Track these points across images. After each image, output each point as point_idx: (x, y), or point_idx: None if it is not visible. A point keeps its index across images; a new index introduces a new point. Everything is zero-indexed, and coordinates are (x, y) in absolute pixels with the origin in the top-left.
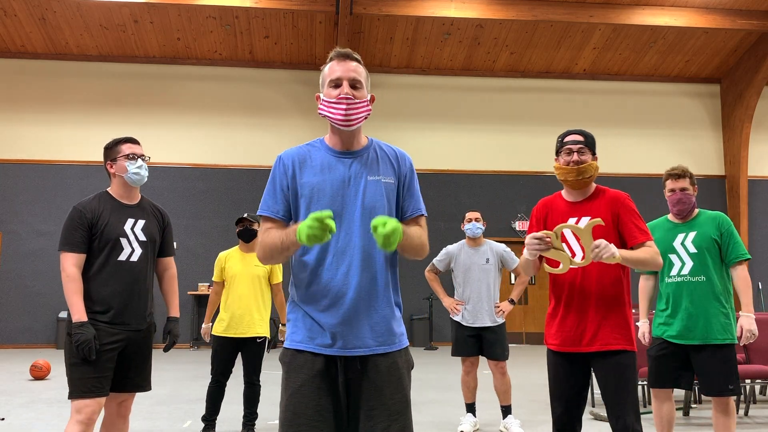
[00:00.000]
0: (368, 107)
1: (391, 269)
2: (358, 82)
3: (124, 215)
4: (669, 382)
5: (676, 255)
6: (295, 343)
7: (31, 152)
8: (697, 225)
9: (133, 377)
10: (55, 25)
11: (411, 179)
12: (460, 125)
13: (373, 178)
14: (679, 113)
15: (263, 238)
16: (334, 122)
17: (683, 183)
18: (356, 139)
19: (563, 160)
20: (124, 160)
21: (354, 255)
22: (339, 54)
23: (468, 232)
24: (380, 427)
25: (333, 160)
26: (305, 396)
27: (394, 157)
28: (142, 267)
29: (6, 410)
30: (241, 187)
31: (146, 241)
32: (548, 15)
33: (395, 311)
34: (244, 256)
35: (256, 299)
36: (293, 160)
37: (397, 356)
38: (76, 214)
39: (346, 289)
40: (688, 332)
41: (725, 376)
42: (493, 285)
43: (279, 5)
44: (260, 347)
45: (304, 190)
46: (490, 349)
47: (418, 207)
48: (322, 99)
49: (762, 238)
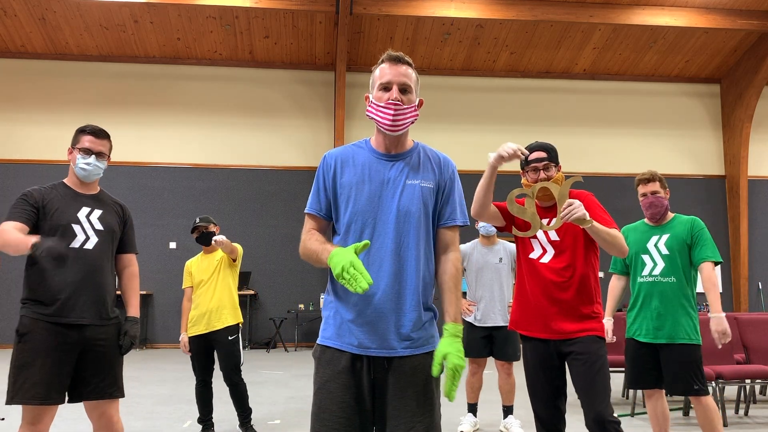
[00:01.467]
0: (416, 112)
1: (421, 272)
2: (408, 86)
3: (78, 203)
4: (647, 383)
5: (649, 256)
6: (325, 339)
7: (31, 152)
8: (670, 228)
9: (97, 383)
10: (55, 25)
11: (451, 186)
12: (460, 125)
13: (412, 182)
14: (679, 113)
15: (306, 239)
16: (381, 126)
17: (653, 186)
18: (401, 142)
19: (531, 177)
20: (77, 152)
21: (384, 257)
22: (391, 57)
23: (482, 230)
24: (404, 427)
25: (374, 161)
26: (330, 392)
27: (437, 162)
28: (98, 256)
29: (6, 410)
30: (240, 187)
31: (103, 230)
32: (548, 15)
33: (425, 314)
34: (207, 257)
35: (224, 290)
36: (336, 160)
37: (424, 358)
38: (20, 196)
39: (374, 290)
40: (656, 331)
41: (690, 375)
42: (506, 285)
43: (279, 5)
44: (233, 344)
45: (343, 190)
46: (502, 349)
47: (454, 216)
48: (371, 101)
49: (762, 238)
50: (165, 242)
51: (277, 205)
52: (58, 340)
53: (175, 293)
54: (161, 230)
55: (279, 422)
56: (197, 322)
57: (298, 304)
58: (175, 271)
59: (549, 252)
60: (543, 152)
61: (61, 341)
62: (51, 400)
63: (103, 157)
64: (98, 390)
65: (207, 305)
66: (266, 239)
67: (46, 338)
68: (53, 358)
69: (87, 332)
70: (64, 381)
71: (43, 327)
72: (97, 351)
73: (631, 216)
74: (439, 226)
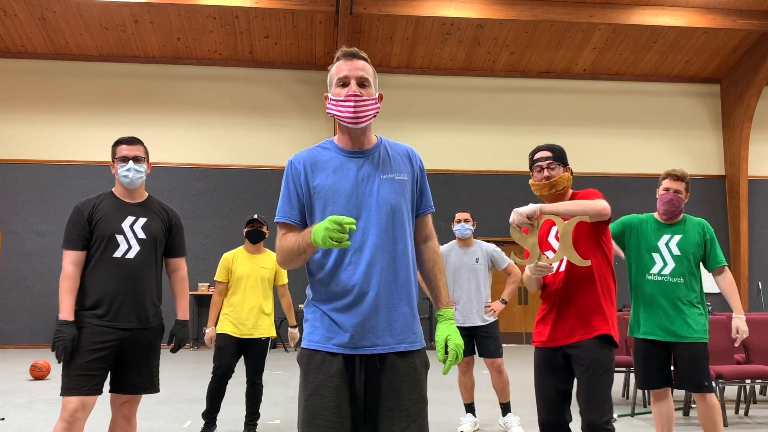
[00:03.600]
0: (377, 105)
1: (409, 264)
2: (366, 80)
3: (124, 212)
4: (658, 383)
5: (659, 254)
6: (313, 343)
7: (31, 152)
8: (682, 229)
9: (132, 379)
10: (55, 25)
11: (423, 177)
12: (460, 125)
13: (387, 176)
14: (679, 113)
15: (281, 243)
16: (343, 120)
17: (679, 185)
18: (366, 137)
19: (536, 176)
20: (117, 163)
21: (373, 254)
22: (345, 53)
23: (457, 233)
24: (399, 428)
25: (344, 161)
26: (323, 397)
27: (406, 155)
28: (139, 265)
29: (6, 410)
30: (241, 187)
31: (146, 239)
32: (548, 15)
33: (413, 310)
34: (251, 257)
35: (262, 301)
36: (304, 163)
37: (416, 356)
38: (74, 212)
39: (366, 288)
40: (667, 330)
41: (702, 372)
42: (483, 285)
43: (279, 5)
44: (264, 347)
45: (318, 193)
46: (483, 347)
47: (429, 204)
48: (330, 98)
49: (762, 238)
50: None
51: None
52: (101, 338)
53: None
54: None
55: (279, 422)
56: (234, 326)
57: (297, 304)
58: None
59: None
60: (548, 152)
61: (102, 340)
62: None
63: (140, 161)
64: (132, 385)
65: (249, 308)
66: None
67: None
68: (93, 354)
69: (128, 334)
70: (104, 375)
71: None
72: (134, 350)
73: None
74: (417, 215)
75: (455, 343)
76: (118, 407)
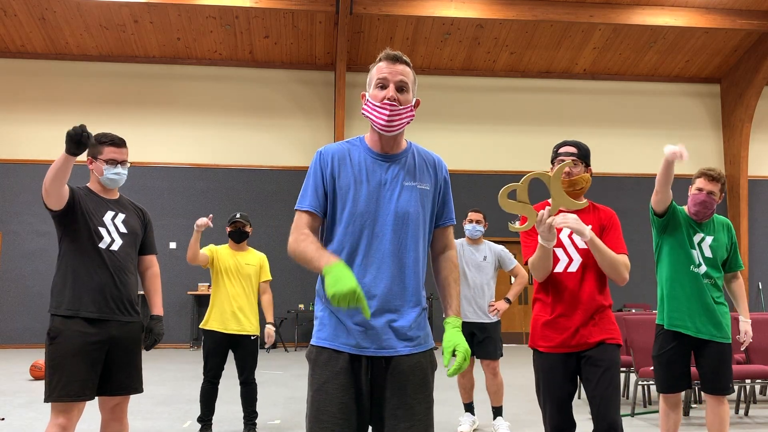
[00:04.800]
0: (412, 113)
1: (419, 273)
2: (405, 84)
3: (104, 207)
4: (680, 387)
5: (697, 252)
6: (321, 340)
7: (31, 152)
8: (713, 230)
9: (121, 378)
10: (55, 25)
11: (446, 187)
12: (460, 125)
13: (409, 184)
14: (679, 113)
15: (300, 239)
16: (376, 126)
17: (714, 187)
18: (396, 142)
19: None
20: (102, 164)
21: (383, 258)
22: (388, 56)
23: (467, 232)
24: (403, 426)
25: (371, 162)
26: (328, 393)
27: (432, 164)
28: (122, 257)
29: (6, 410)
30: (241, 187)
31: (127, 233)
32: (548, 15)
33: (421, 313)
34: (235, 254)
35: (247, 298)
36: (333, 157)
37: (422, 357)
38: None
39: (374, 292)
40: (702, 327)
41: (729, 374)
42: (488, 284)
43: (279, 5)
44: (254, 345)
45: (341, 190)
46: (481, 346)
47: (450, 216)
48: (367, 99)
49: (762, 238)
50: (165, 242)
51: (277, 205)
52: (87, 339)
53: (176, 293)
54: (161, 230)
55: (279, 422)
56: (221, 323)
57: (297, 304)
58: (175, 271)
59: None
60: (574, 148)
61: (89, 340)
62: (84, 397)
63: (125, 165)
64: (123, 385)
65: (234, 304)
66: (266, 239)
67: (76, 338)
68: (84, 356)
69: (113, 330)
70: (95, 378)
71: (72, 327)
72: (122, 348)
73: (630, 216)
74: (437, 226)
75: (464, 348)
76: (109, 410)
